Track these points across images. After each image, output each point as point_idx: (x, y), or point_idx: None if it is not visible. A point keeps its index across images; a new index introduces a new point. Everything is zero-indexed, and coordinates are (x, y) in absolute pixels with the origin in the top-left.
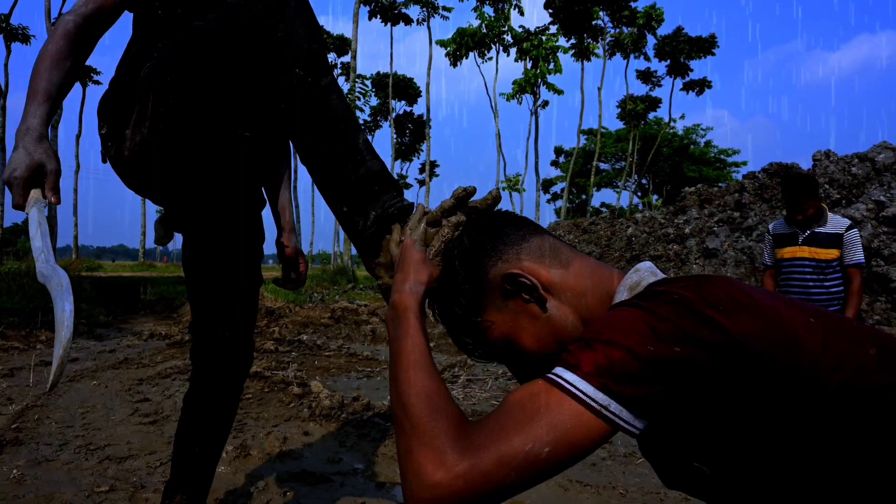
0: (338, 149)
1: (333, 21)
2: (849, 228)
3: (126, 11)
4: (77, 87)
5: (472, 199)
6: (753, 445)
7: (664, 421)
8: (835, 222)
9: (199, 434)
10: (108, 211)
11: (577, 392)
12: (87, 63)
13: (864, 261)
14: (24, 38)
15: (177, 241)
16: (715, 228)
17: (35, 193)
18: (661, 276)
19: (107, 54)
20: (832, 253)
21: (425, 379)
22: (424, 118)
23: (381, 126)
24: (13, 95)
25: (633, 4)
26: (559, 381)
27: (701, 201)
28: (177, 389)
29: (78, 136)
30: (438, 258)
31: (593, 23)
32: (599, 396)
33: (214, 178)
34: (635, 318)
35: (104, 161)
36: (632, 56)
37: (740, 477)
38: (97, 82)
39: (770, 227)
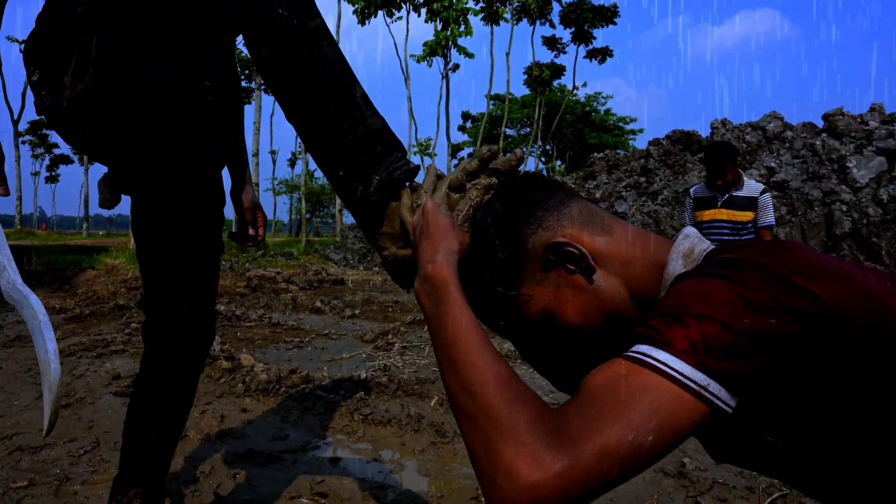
0: (332, 105)
1: None
2: (762, 192)
3: None
4: None
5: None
6: (834, 416)
7: (750, 397)
8: (750, 186)
9: (157, 420)
10: None
11: (674, 372)
12: None
13: (774, 222)
14: None
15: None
16: (623, 193)
17: None
18: (707, 242)
19: None
20: (748, 215)
21: (493, 363)
22: None
23: None
24: None
25: None
26: (650, 360)
27: (609, 167)
28: (86, 368)
29: None
30: (467, 224)
31: None
32: (699, 376)
33: (171, 133)
34: (723, 289)
35: (38, 113)
36: (538, 23)
37: (814, 449)
38: None
39: (691, 191)
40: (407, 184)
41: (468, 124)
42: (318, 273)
